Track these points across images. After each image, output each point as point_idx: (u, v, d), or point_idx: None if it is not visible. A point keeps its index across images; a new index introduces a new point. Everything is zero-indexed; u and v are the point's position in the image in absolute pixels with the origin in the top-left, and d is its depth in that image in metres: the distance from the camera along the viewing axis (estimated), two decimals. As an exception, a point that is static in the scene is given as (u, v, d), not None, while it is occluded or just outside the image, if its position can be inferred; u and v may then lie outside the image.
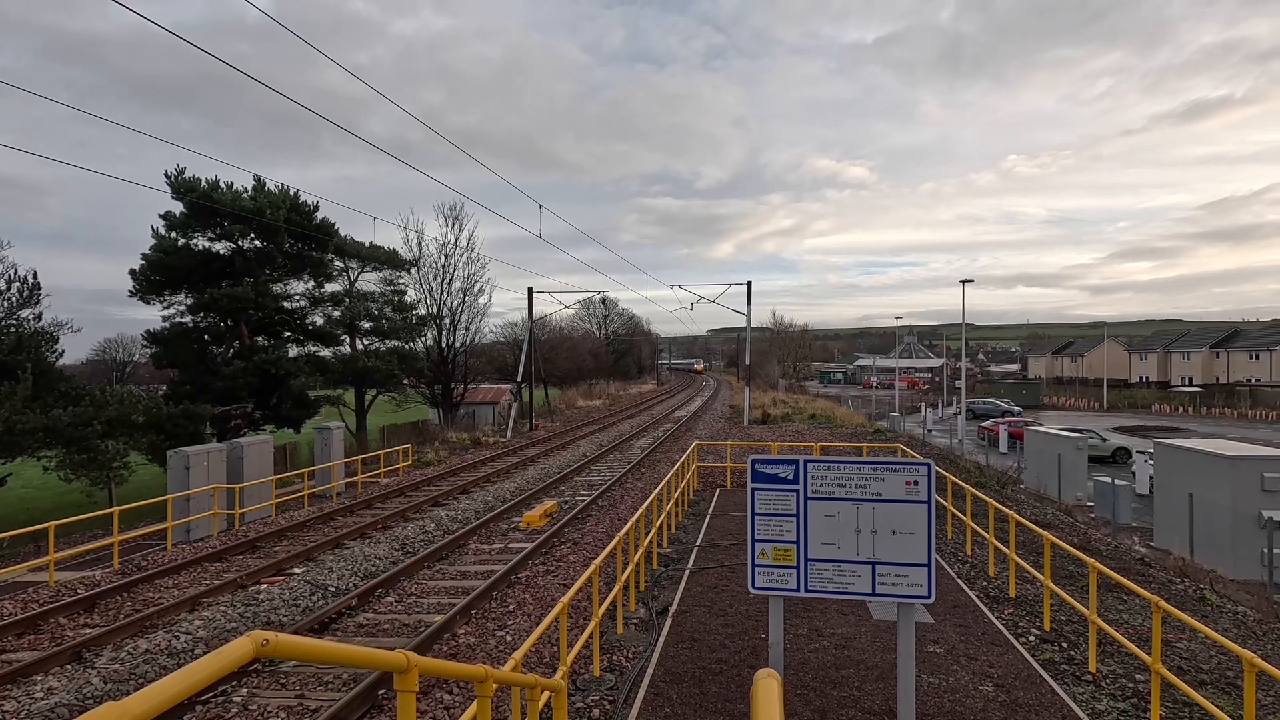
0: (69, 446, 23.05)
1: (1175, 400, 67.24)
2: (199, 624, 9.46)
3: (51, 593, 11.21)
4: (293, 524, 15.48)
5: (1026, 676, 6.87)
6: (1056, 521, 16.35)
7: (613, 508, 16.87)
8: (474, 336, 50.97)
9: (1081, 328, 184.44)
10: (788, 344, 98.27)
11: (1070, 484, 23.22)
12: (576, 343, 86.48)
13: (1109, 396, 71.11)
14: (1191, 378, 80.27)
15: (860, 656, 7.32)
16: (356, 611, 10.10)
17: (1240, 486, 15.41)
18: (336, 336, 37.72)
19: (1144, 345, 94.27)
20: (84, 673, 8.04)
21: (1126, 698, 6.62)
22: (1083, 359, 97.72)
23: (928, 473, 5.26)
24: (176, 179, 30.47)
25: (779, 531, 5.44)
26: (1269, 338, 77.28)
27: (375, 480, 22.21)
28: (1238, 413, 59.16)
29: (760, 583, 5.46)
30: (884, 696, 6.36)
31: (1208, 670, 7.38)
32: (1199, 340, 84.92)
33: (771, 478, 5.49)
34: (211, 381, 29.75)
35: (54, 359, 25.66)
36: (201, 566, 12.57)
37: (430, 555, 12.72)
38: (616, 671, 7.34)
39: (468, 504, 17.74)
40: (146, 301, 32.07)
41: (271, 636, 2.18)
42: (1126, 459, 33.30)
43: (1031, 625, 8.43)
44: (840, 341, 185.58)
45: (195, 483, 16.36)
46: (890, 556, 5.24)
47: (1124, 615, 9.05)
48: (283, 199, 32.36)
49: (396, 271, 43.91)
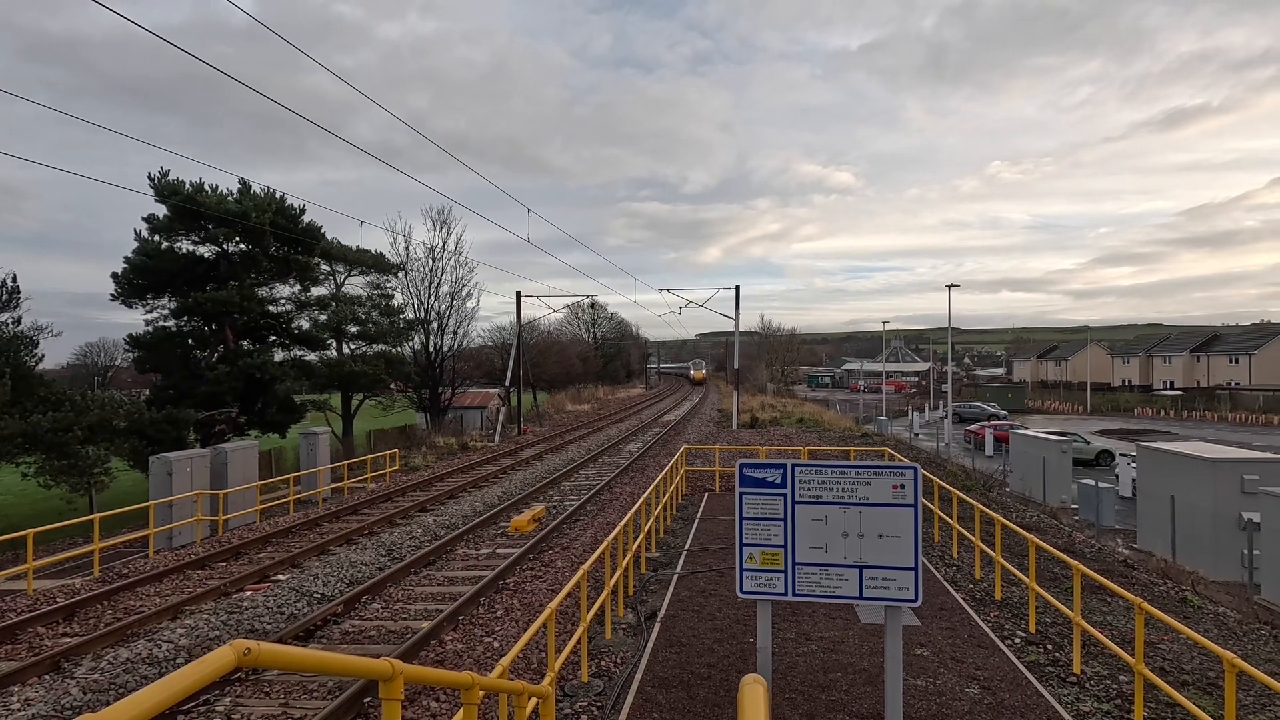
0: (48, 452, 22.72)
1: (1157, 404, 68.13)
2: (181, 633, 9.33)
3: (29, 601, 11.01)
4: (278, 530, 15.32)
5: (1012, 679, 6.92)
6: (1041, 524, 16.49)
7: (601, 512, 16.84)
8: (462, 340, 50.87)
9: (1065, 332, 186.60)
10: (776, 348, 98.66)
11: (1055, 487, 23.44)
12: (565, 347, 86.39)
13: (1092, 400, 71.92)
14: (1173, 381, 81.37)
15: (848, 660, 7.34)
16: (342, 618, 10.00)
17: (1220, 489, 15.62)
18: (323, 340, 37.44)
19: (1126, 349, 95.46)
20: (62, 683, 7.91)
21: (1110, 699, 6.68)
22: (1067, 363, 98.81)
23: (914, 476, 5.29)
24: (160, 181, 30.16)
25: (767, 535, 5.45)
26: (1248, 342, 78.50)
27: (362, 485, 22.04)
28: (1218, 416, 60.02)
29: (748, 587, 5.46)
30: (872, 700, 6.38)
31: (1190, 671, 7.47)
32: (1180, 344, 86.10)
33: (759, 482, 5.50)
34: (195, 386, 29.42)
35: (34, 363, 25.30)
36: (184, 574, 12.40)
37: (417, 561, 12.63)
38: (604, 677, 7.31)
39: (455, 509, 17.64)
40: (129, 305, 31.70)
41: (254, 645, 2.16)
42: (1110, 462, 33.68)
43: (1017, 628, 8.49)
44: (828, 345, 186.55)
45: (178, 489, 16.16)
46: (877, 560, 5.26)
47: (1108, 617, 9.14)
48: (268, 202, 32.12)
49: (383, 275, 43.72)
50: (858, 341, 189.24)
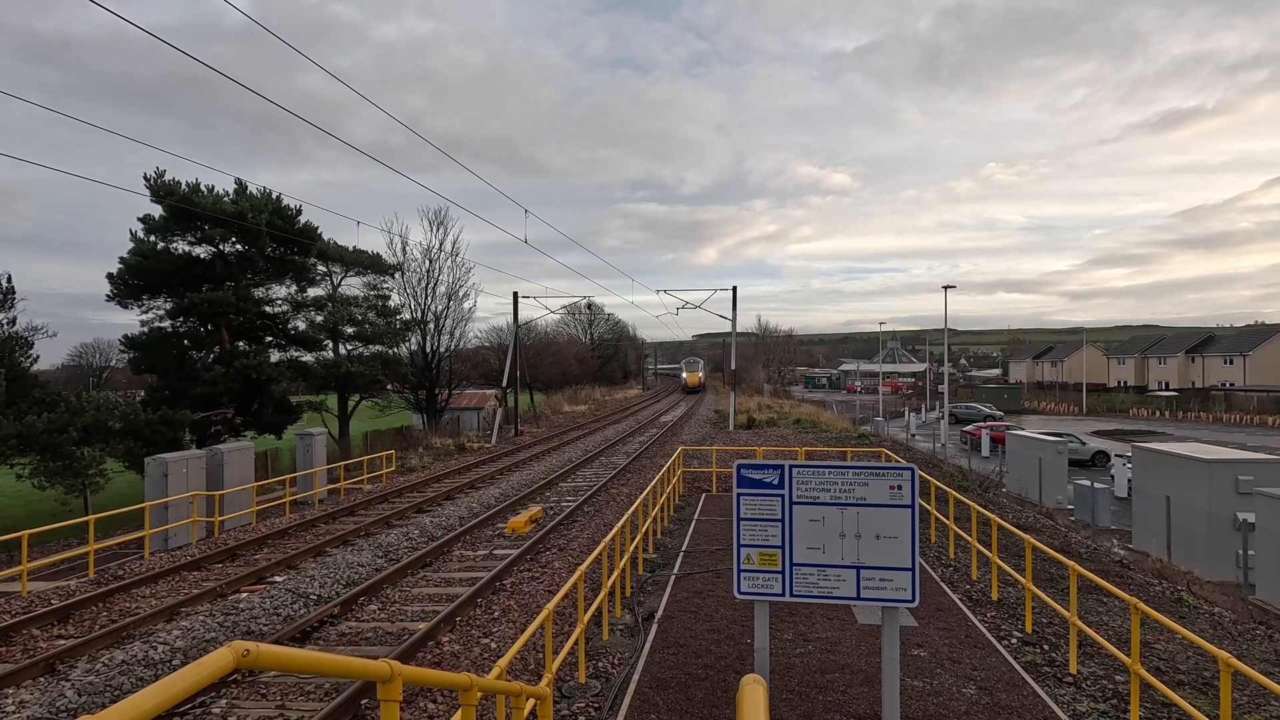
0: (43, 453, 22.61)
1: (1152, 404, 68.35)
2: (177, 634, 9.30)
3: (24, 603, 10.97)
4: (274, 531, 15.28)
5: (1009, 679, 6.93)
6: (1038, 525, 16.54)
7: (598, 513, 16.83)
8: (459, 341, 50.83)
9: (1061, 333, 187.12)
10: (773, 349, 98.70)
11: (1051, 487, 23.50)
12: (562, 348, 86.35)
13: (1088, 401, 72.12)
14: (1168, 382, 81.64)
15: (845, 661, 7.35)
16: (339, 620, 9.98)
17: (1215, 489, 15.68)
18: (319, 341, 37.35)
19: (1122, 350, 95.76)
20: (57, 685, 7.87)
21: (1107, 699, 6.70)
22: (1062, 364, 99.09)
23: (911, 477, 5.30)
24: (156, 182, 30.08)
25: (764, 536, 5.45)
26: (1242, 343, 78.84)
27: (358, 486, 21.99)
28: (1213, 417, 60.25)
29: (746, 588, 5.46)
30: (869, 700, 6.39)
31: (1185, 671, 7.49)
32: (1175, 346, 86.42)
33: (757, 483, 5.50)
34: (191, 387, 29.33)
35: (28, 364, 25.20)
36: (180, 575, 12.36)
37: (414, 562, 12.60)
38: (602, 678, 7.31)
39: (452, 510, 17.62)
40: (124, 306, 31.61)
41: (252, 647, 2.16)
42: (1105, 463, 33.75)
43: (1014, 628, 8.51)
44: (825, 346, 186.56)
45: (174, 490, 16.11)
46: (874, 561, 5.27)
47: (1104, 617, 9.16)
48: (265, 203, 32.05)
49: (380, 276, 43.63)
50: (854, 342, 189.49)
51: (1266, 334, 77.57)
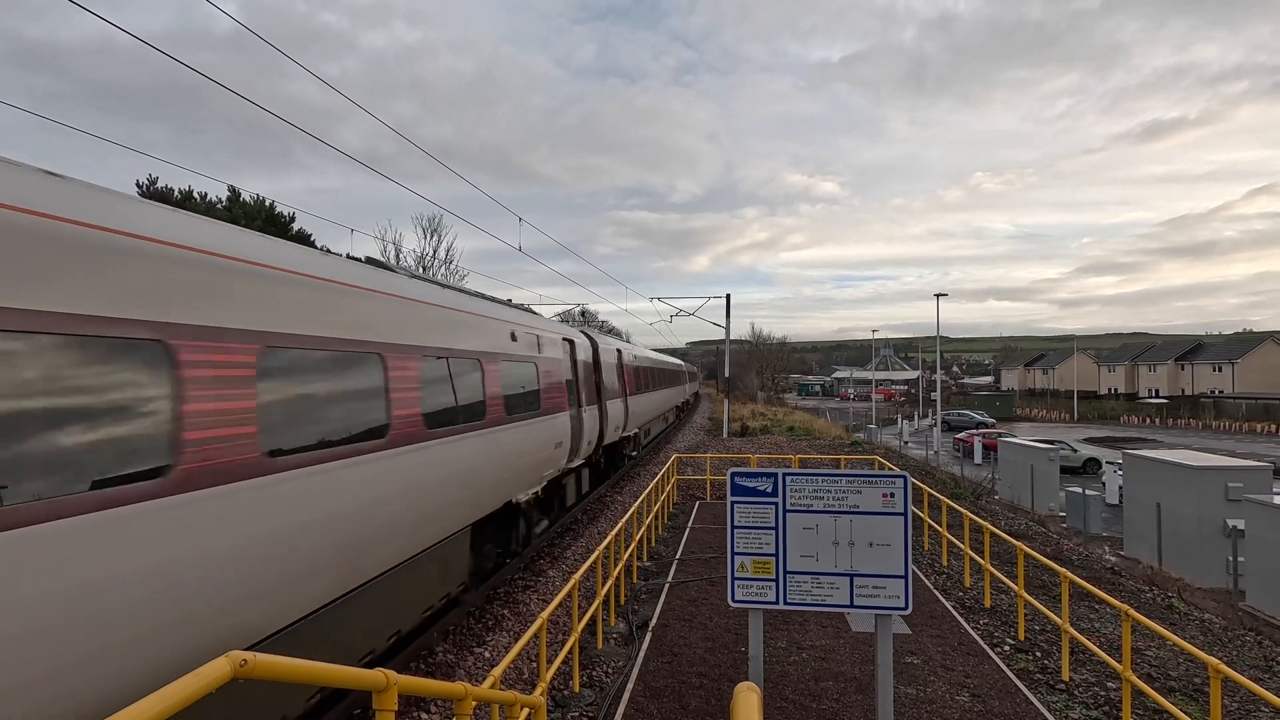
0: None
1: (1143, 411, 68.85)
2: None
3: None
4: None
5: (1002, 686, 6.96)
6: (1030, 532, 16.62)
7: (592, 521, 16.80)
8: (452, 349, 50.55)
9: (1052, 340, 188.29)
10: (766, 356, 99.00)
11: (1043, 494, 23.62)
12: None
13: (1079, 408, 72.58)
14: (1158, 390, 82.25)
15: (839, 668, 7.36)
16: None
17: (1205, 496, 15.80)
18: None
19: (1112, 358, 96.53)
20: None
21: (1099, 705, 6.73)
22: (1054, 371, 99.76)
23: (904, 485, 5.33)
24: (149, 189, 30.02)
25: (758, 544, 5.47)
26: (1231, 350, 79.61)
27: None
28: (1202, 424, 60.74)
29: (740, 596, 5.48)
30: (863, 708, 6.40)
31: (1176, 677, 7.54)
32: (1164, 353, 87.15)
33: (750, 491, 5.53)
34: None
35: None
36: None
37: (407, 571, 12.54)
38: (596, 687, 7.30)
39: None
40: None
41: (250, 656, 2.16)
42: (1097, 469, 33.96)
43: (1006, 635, 8.54)
44: (818, 354, 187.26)
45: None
46: (868, 568, 5.30)
47: (1096, 624, 9.21)
48: (258, 210, 31.99)
49: (374, 283, 43.46)
50: (847, 350, 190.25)
51: (1255, 341, 78.39)
